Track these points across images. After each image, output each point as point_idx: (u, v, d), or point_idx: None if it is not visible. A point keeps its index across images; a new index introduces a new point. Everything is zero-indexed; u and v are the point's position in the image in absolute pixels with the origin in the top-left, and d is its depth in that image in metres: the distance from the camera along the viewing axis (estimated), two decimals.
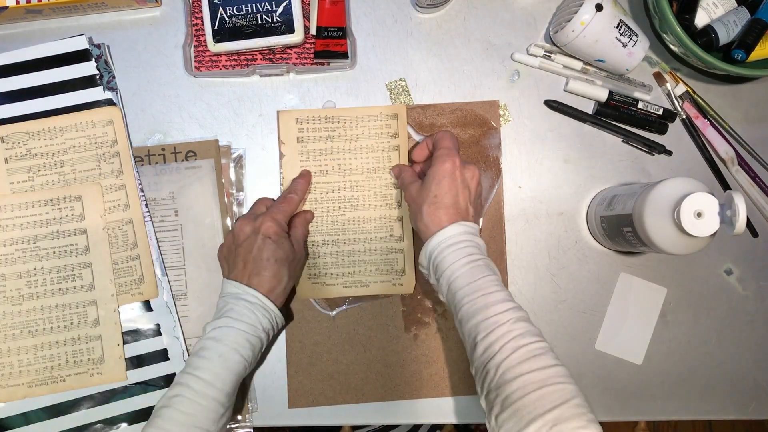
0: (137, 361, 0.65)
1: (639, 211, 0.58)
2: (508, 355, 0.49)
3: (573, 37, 0.65)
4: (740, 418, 0.71)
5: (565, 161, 0.71)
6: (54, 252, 0.65)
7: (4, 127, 0.66)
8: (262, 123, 0.69)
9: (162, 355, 0.66)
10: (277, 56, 0.68)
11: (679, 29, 0.64)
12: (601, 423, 0.47)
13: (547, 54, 0.71)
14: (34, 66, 0.67)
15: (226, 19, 0.66)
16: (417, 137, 0.70)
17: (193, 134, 0.69)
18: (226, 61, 0.68)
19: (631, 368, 0.70)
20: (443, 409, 0.69)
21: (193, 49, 0.68)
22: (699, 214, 0.53)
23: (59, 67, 0.67)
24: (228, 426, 0.66)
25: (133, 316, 0.66)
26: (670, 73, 0.73)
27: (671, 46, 0.70)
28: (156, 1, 0.69)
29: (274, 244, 0.60)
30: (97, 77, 0.67)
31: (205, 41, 0.67)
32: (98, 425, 0.64)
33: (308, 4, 0.68)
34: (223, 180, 0.68)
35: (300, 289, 0.68)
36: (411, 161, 0.68)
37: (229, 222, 0.68)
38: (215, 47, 0.66)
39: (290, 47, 0.68)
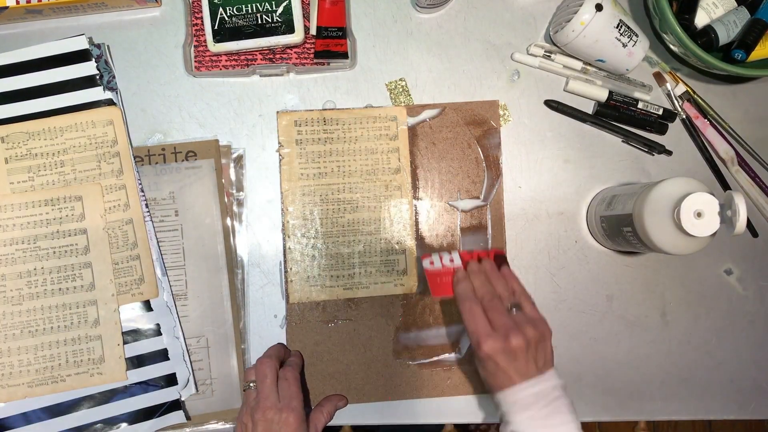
0: (137, 361, 0.65)
1: (639, 211, 0.58)
2: None
3: (573, 37, 0.65)
4: (740, 418, 0.71)
5: (565, 161, 0.71)
6: (54, 252, 0.65)
7: (4, 127, 0.66)
8: (262, 123, 0.69)
9: (162, 355, 0.66)
10: (277, 56, 0.68)
11: (679, 29, 0.64)
12: (601, 423, 0.47)
13: (547, 54, 0.70)
14: (35, 66, 0.67)
15: (226, 19, 0.66)
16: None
17: (193, 134, 0.69)
18: (226, 61, 0.68)
19: (631, 368, 0.70)
20: (443, 409, 0.69)
21: (193, 49, 0.68)
22: (699, 214, 0.53)
23: (59, 67, 0.67)
24: (228, 425, 0.66)
25: (133, 316, 0.66)
26: (670, 73, 0.73)
27: (671, 46, 0.70)
28: (156, 1, 0.69)
29: None
30: (97, 77, 0.67)
31: (205, 41, 0.67)
32: (98, 425, 0.64)
33: (308, 4, 0.68)
34: (223, 180, 0.68)
35: (298, 293, 0.68)
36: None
37: (229, 222, 0.68)
38: (215, 47, 0.66)
39: (290, 47, 0.68)
